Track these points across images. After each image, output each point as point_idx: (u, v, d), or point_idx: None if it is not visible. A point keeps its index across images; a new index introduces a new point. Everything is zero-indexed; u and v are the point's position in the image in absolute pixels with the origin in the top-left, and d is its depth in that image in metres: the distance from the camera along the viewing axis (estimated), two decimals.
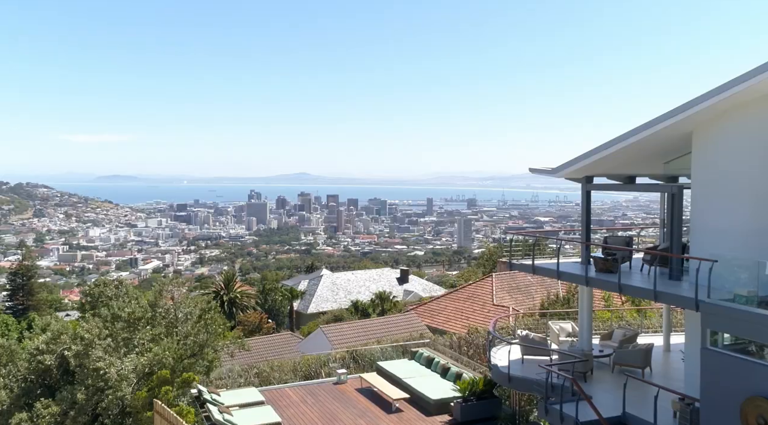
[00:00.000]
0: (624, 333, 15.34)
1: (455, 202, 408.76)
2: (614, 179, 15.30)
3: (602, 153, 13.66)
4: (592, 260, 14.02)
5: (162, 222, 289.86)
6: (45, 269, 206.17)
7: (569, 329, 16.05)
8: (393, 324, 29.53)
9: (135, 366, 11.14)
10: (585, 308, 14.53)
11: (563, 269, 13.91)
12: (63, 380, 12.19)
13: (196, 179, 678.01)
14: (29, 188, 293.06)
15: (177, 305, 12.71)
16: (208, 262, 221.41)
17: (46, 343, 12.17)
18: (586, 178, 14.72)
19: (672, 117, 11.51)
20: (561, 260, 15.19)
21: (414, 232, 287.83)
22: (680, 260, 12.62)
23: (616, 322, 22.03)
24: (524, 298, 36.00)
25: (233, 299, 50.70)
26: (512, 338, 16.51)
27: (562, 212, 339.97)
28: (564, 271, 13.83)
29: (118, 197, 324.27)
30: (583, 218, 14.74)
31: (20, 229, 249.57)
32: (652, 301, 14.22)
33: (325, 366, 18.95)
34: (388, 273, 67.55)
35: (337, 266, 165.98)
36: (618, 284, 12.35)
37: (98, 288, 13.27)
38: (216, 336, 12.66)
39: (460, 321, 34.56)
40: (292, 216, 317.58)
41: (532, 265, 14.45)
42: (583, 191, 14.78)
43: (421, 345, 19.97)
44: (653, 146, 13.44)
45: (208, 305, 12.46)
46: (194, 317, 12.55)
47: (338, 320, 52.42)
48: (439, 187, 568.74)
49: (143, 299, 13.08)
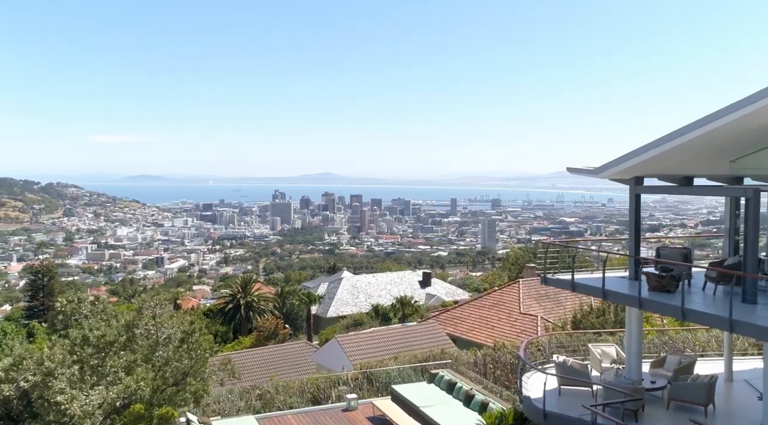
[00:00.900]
0: (679, 359, 13.08)
1: (479, 202, 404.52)
2: (667, 181, 13.08)
3: (655, 150, 11.47)
4: (644, 276, 11.82)
5: (188, 222, 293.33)
6: (74, 267, 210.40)
7: (613, 353, 13.87)
8: (413, 335, 27.60)
9: (103, 400, 9.52)
10: (634, 331, 12.33)
11: (610, 287, 11.73)
12: (26, 411, 10.69)
13: (221, 179, 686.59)
14: (59, 187, 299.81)
15: (157, 326, 11.01)
16: (233, 261, 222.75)
17: (5, 371, 10.63)
18: (635, 179, 12.51)
19: (752, 103, 9.28)
20: (599, 271, 13.03)
21: (437, 232, 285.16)
22: (755, 280, 10.39)
23: (658, 338, 19.69)
24: (553, 306, 33.73)
25: (250, 303, 49.45)
26: (546, 361, 14.40)
27: (587, 213, 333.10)
28: (610, 290, 11.64)
29: (145, 196, 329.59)
30: (632, 226, 12.53)
31: (50, 228, 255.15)
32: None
33: (336, 387, 17.09)
34: (409, 276, 65.60)
35: (360, 266, 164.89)
36: (681, 308, 10.15)
37: (71, 305, 11.69)
38: (201, 361, 10.94)
39: (484, 330, 32.50)
40: (315, 216, 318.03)
41: (572, 281, 12.30)
42: (632, 194, 12.57)
43: (442, 366, 17.94)
44: (720, 141, 11.21)
45: (191, 327, 10.74)
46: (176, 340, 10.84)
47: (358, 324, 50.78)
48: (463, 187, 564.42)
49: (122, 318, 11.40)
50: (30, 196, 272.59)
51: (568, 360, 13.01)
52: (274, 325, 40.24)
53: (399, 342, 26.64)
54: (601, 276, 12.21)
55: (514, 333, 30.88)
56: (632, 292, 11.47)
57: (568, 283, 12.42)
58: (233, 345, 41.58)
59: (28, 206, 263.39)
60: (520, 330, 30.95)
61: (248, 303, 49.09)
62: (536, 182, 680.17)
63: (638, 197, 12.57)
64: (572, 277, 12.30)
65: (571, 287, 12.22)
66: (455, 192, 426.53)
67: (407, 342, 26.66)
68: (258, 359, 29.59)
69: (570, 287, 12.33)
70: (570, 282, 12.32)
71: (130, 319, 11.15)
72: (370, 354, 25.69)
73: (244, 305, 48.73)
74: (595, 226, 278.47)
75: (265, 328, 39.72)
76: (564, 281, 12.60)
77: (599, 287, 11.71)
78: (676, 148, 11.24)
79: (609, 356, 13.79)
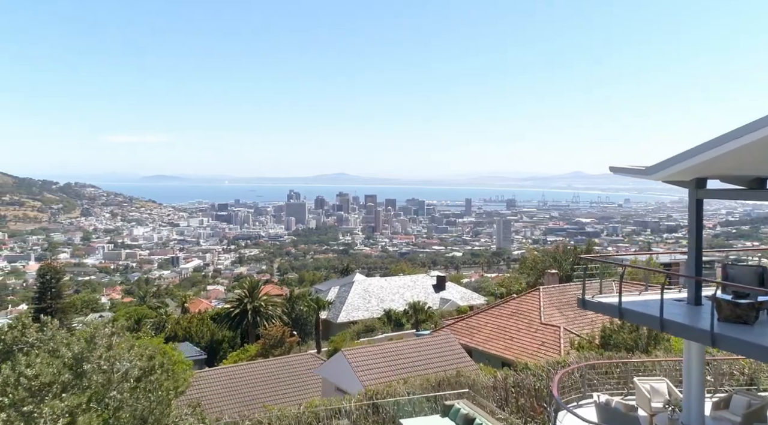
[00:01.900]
0: (749, 401, 10.72)
1: (494, 202, 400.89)
2: (734, 183, 10.75)
3: (723, 148, 9.18)
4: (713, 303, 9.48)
5: (203, 221, 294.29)
6: (90, 267, 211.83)
7: (664, 390, 11.55)
8: (425, 349, 25.41)
9: None
10: (694, 368, 10.02)
11: (669, 315, 9.38)
12: None
13: (236, 179, 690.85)
14: (77, 187, 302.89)
15: (111, 359, 9.04)
16: (248, 261, 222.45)
17: None
18: (696, 181, 10.15)
19: None
20: (651, 294, 10.76)
21: (452, 233, 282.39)
22: None
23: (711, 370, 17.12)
24: (576, 316, 31.31)
25: (257, 308, 47.66)
26: (582, 396, 12.16)
27: (603, 214, 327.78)
28: (670, 319, 9.28)
29: (161, 196, 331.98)
30: (692, 239, 10.18)
31: (68, 227, 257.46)
32: None
33: (336, 418, 15.01)
34: (423, 280, 63.37)
35: (374, 267, 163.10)
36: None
37: (12, 333, 9.76)
38: (164, 404, 8.94)
39: (502, 342, 30.24)
40: (330, 216, 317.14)
41: (619, 308, 9.97)
42: (692, 199, 10.23)
43: (459, 395, 15.74)
44: None
45: (149, 364, 8.73)
46: (132, 378, 8.85)
47: (369, 331, 48.75)
48: (478, 187, 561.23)
49: (75, 346, 9.44)
50: (48, 196, 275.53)
51: (611, 400, 10.73)
52: (281, 333, 38.34)
53: (410, 357, 24.50)
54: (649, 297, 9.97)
55: (535, 344, 28.66)
56: (698, 323, 9.17)
57: (613, 309, 10.12)
58: (238, 353, 39.85)
59: (47, 206, 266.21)
60: (541, 342, 28.72)
61: (255, 308, 47.30)
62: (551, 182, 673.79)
63: (700, 204, 10.20)
64: (620, 302, 9.97)
65: (618, 314, 9.92)
66: (470, 192, 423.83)
67: (419, 358, 24.49)
68: (260, 372, 27.71)
69: (616, 313, 10.04)
70: (616, 308, 10.00)
71: (79, 351, 9.15)
72: (379, 369, 23.62)
73: (251, 310, 46.95)
74: (612, 227, 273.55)
75: (271, 336, 37.85)
76: (608, 306, 10.29)
77: (655, 316, 9.36)
78: (747, 146, 8.94)
79: (660, 393, 11.48)
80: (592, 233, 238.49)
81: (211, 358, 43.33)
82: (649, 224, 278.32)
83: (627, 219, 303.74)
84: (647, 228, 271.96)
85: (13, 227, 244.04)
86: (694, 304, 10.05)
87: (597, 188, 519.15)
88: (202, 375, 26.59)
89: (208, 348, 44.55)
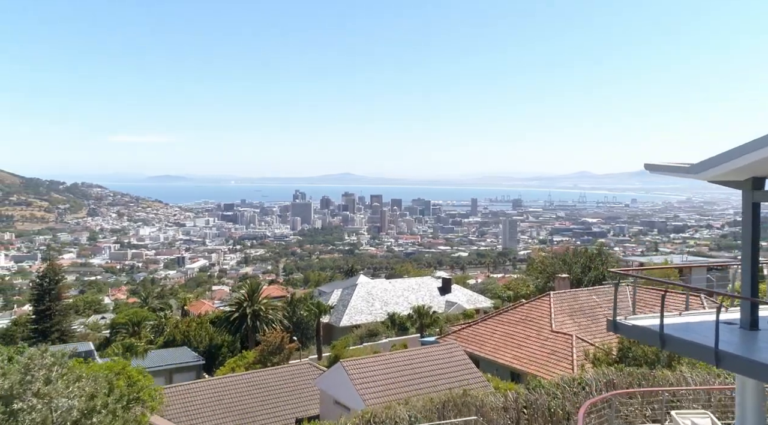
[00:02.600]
0: None
1: (500, 202, 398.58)
2: None
3: None
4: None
5: (209, 221, 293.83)
6: (96, 267, 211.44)
7: None
8: (430, 360, 23.78)
9: None
10: (749, 409, 8.30)
11: (726, 346, 7.63)
12: None
13: (242, 180, 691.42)
14: (84, 187, 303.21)
15: (49, 396, 7.49)
16: (253, 261, 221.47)
17: None
18: (753, 181, 8.43)
19: None
20: (690, 314, 9.07)
21: (458, 233, 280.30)
22: None
23: None
24: (589, 323, 29.61)
25: (257, 312, 46.04)
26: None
27: (610, 214, 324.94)
28: (728, 351, 7.51)
29: (167, 196, 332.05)
30: (747, 249, 8.45)
31: (75, 227, 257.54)
32: None
33: None
34: (428, 282, 61.65)
35: (380, 267, 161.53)
36: None
37: None
38: None
39: (511, 351, 28.60)
40: (336, 216, 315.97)
41: (661, 334, 8.22)
42: (747, 202, 8.51)
43: (466, 423, 14.09)
44: None
45: (90, 404, 7.16)
46: (69, 422, 7.31)
47: (372, 335, 47.15)
48: (484, 187, 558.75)
49: (10, 377, 7.89)
50: (55, 196, 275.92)
51: None
52: (279, 339, 36.70)
53: (413, 369, 22.87)
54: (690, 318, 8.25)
55: (545, 353, 27.02)
56: (757, 354, 7.47)
57: (652, 336, 8.37)
58: (236, 359, 38.27)
59: (54, 206, 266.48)
60: (552, 351, 27.10)
61: (255, 312, 45.69)
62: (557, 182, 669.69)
63: (757, 208, 8.46)
64: (661, 327, 8.23)
65: (660, 342, 8.18)
66: (475, 192, 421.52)
67: (423, 370, 22.86)
68: (255, 383, 26.12)
69: (656, 341, 8.31)
70: (656, 334, 8.26)
71: (10, 386, 7.58)
72: (380, 382, 22.03)
73: (250, 315, 45.34)
74: (618, 227, 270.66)
75: (269, 342, 36.23)
76: (646, 331, 8.54)
77: (707, 347, 7.60)
78: None
79: None
80: (598, 234, 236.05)
81: (209, 364, 41.82)
82: (656, 225, 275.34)
83: (634, 219, 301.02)
84: (654, 228, 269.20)
85: (20, 227, 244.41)
86: (749, 329, 8.35)
87: (603, 187, 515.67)
88: (192, 386, 25.06)
89: (206, 353, 43.02)
